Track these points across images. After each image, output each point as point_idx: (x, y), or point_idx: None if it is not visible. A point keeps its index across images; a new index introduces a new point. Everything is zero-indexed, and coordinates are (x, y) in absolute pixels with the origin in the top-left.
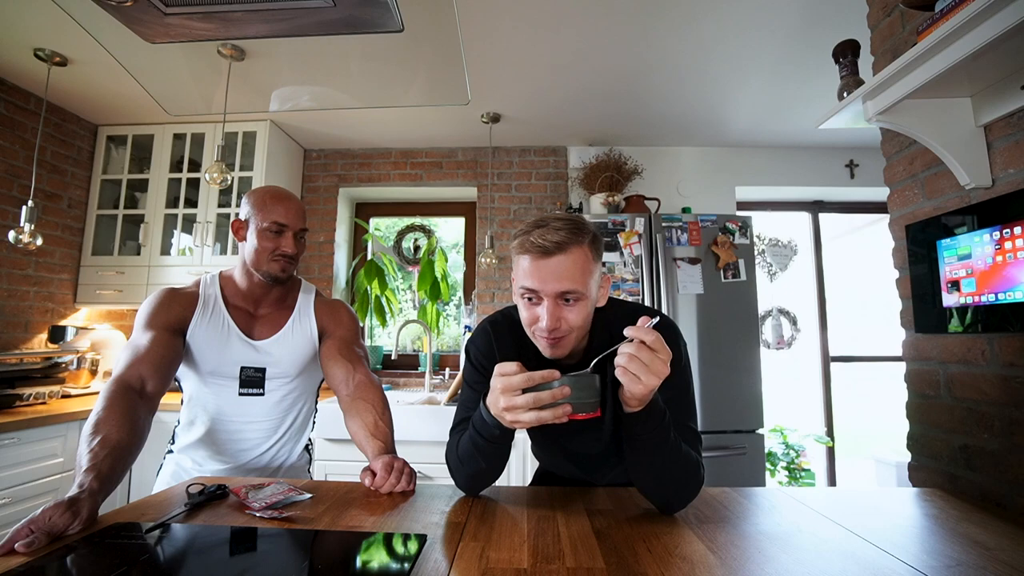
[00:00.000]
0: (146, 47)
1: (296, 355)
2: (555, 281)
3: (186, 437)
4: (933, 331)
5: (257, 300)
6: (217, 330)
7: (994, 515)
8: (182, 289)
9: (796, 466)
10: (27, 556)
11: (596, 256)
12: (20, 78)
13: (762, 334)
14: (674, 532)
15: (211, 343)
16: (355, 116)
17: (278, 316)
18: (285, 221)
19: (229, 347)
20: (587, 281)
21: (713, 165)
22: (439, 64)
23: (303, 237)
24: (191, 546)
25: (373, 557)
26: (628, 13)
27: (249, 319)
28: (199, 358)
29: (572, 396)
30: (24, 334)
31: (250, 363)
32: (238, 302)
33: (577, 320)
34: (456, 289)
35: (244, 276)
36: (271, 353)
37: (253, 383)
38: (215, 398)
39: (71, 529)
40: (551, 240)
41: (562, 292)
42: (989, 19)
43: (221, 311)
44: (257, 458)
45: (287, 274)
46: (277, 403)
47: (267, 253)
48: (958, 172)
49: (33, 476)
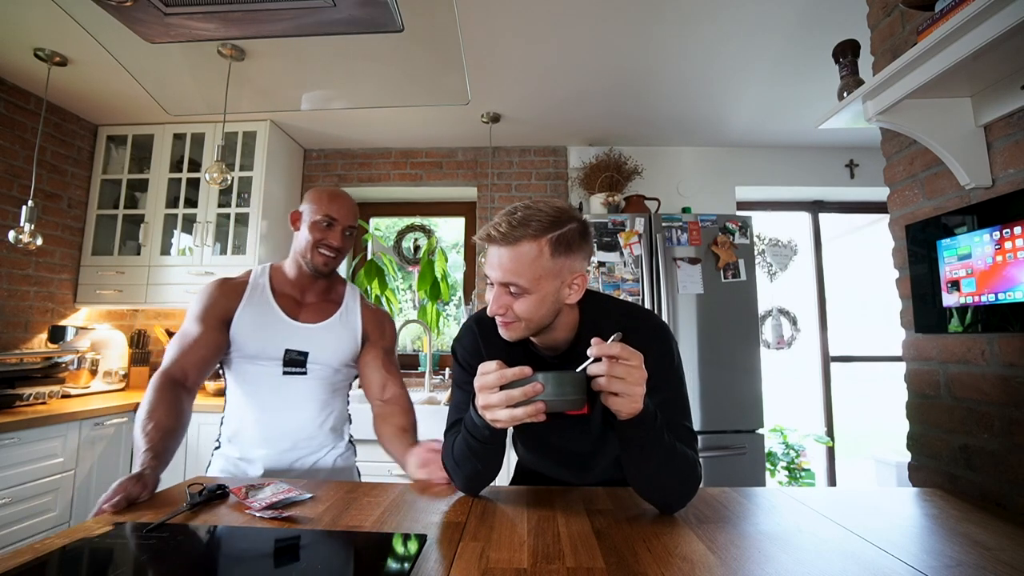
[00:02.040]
0: (146, 47)
1: (339, 348)
2: (497, 269)
3: (232, 428)
4: (933, 331)
5: (304, 289)
6: (262, 314)
7: (994, 515)
8: (233, 279)
9: (796, 466)
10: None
11: (556, 252)
12: (20, 78)
13: (762, 334)
14: (674, 532)
15: (256, 327)
16: (355, 116)
17: (324, 307)
18: (336, 215)
19: (274, 329)
20: (533, 276)
21: (713, 165)
22: (439, 64)
23: (351, 234)
24: (191, 546)
25: (373, 557)
26: (628, 13)
27: (295, 305)
28: (243, 342)
29: (551, 393)
30: (24, 334)
31: (294, 345)
32: (286, 290)
33: (524, 311)
34: (456, 289)
35: (293, 265)
36: (315, 338)
37: (296, 363)
38: (259, 381)
39: (142, 497)
40: (500, 230)
41: (502, 282)
42: (989, 19)
43: (268, 297)
44: (306, 441)
45: (329, 268)
46: (319, 386)
47: (314, 244)
48: (958, 172)
49: (33, 476)
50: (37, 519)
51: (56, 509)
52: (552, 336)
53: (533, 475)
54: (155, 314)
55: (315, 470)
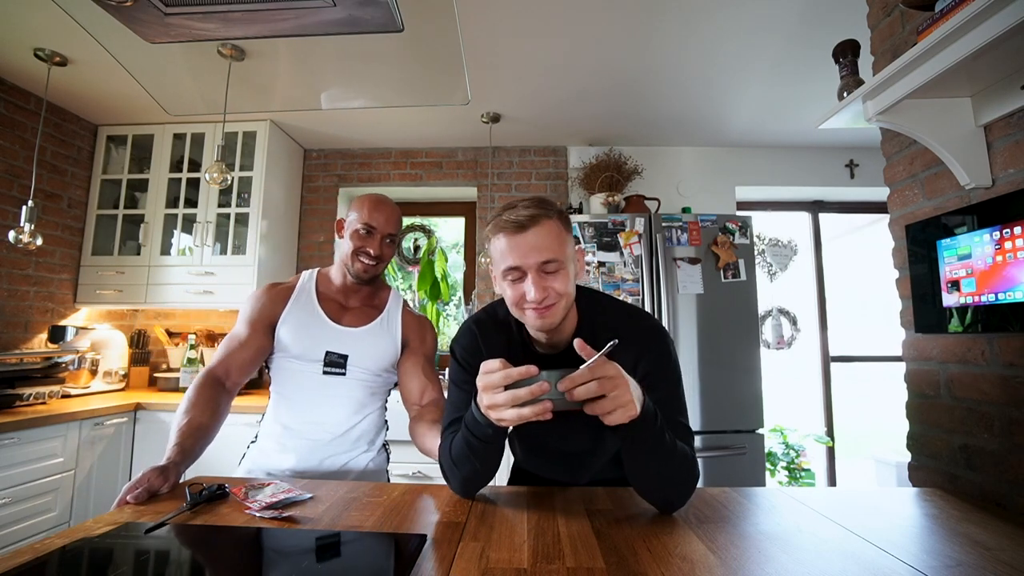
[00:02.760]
0: (146, 47)
1: (378, 353)
2: (535, 253)
3: (270, 423)
4: (933, 331)
5: (348, 294)
6: (307, 317)
7: (994, 515)
8: (281, 284)
9: (796, 466)
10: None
11: (567, 228)
12: (20, 78)
13: (762, 334)
14: (674, 532)
15: (300, 329)
16: (355, 116)
17: (367, 312)
18: (375, 224)
19: (316, 332)
20: (564, 250)
21: (713, 165)
22: (439, 64)
23: (391, 241)
24: (191, 546)
25: (373, 557)
26: (628, 13)
27: (339, 310)
28: (288, 343)
29: (558, 391)
30: (24, 334)
31: (335, 348)
32: (331, 294)
33: (562, 287)
34: (456, 289)
35: (338, 271)
36: (356, 342)
37: (336, 364)
38: (300, 380)
39: (163, 489)
40: (523, 215)
41: (543, 262)
42: (989, 19)
43: (312, 301)
44: (339, 440)
45: (369, 275)
46: (357, 387)
47: (355, 252)
48: (958, 172)
49: (33, 476)
50: (37, 519)
51: (56, 509)
52: (561, 328)
53: (530, 475)
54: (155, 314)
55: (345, 471)
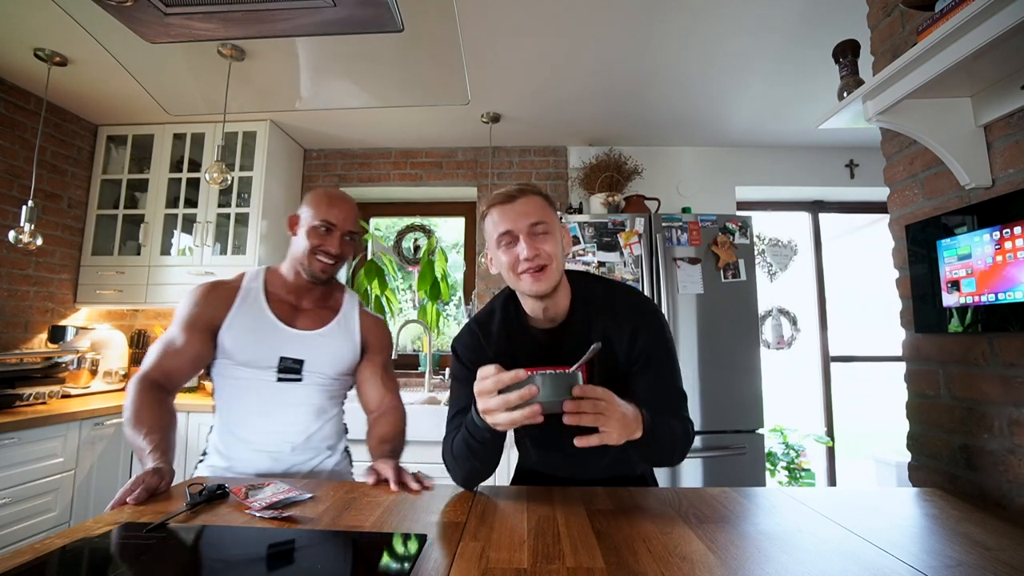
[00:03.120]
0: (146, 47)
1: (337, 356)
2: (524, 217)
3: (221, 436)
4: (933, 331)
5: (301, 295)
6: (255, 321)
7: (994, 515)
8: (225, 282)
9: (796, 466)
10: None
11: (552, 206)
12: (20, 78)
13: (762, 334)
14: (674, 532)
15: (249, 334)
16: (355, 116)
17: (322, 313)
18: (334, 221)
19: (268, 336)
20: (551, 217)
21: (713, 165)
22: (439, 64)
23: (351, 239)
24: (191, 546)
25: (373, 557)
26: (629, 13)
27: (292, 311)
28: (234, 349)
29: (546, 395)
30: (24, 334)
31: (289, 353)
32: (281, 295)
33: (552, 249)
34: (456, 289)
35: (291, 270)
36: (312, 346)
37: (291, 371)
38: (252, 388)
39: (160, 488)
40: (512, 190)
41: (532, 223)
42: (989, 19)
43: (261, 303)
44: (301, 448)
45: (328, 275)
46: (315, 392)
47: (312, 250)
48: (958, 172)
49: (33, 476)
50: (37, 519)
51: (56, 509)
52: (556, 302)
53: (533, 475)
54: (155, 314)
55: (312, 475)
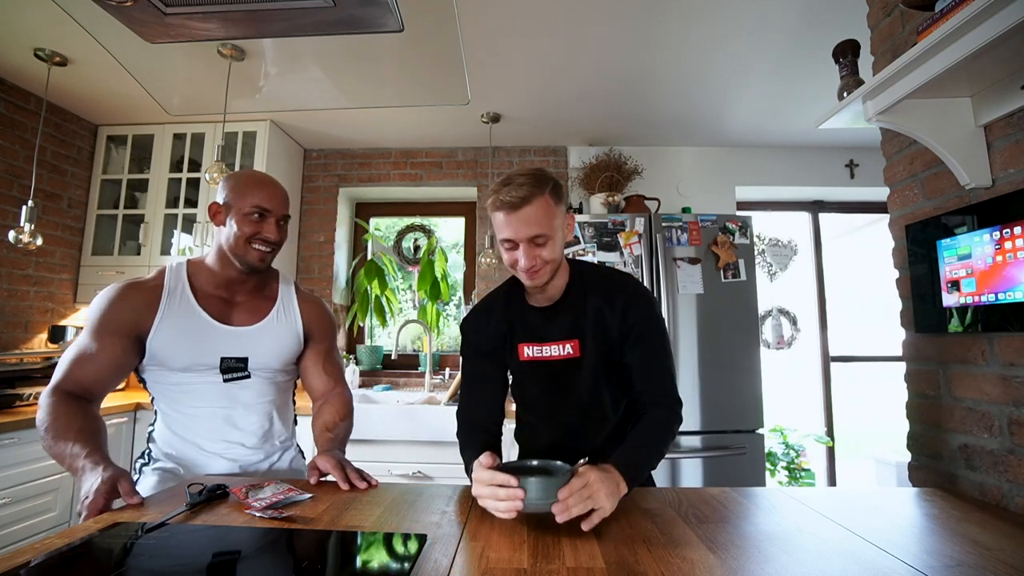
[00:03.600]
0: (146, 47)
1: (280, 348)
2: (526, 228)
3: (168, 441)
4: (933, 331)
5: (233, 288)
6: (186, 322)
7: (994, 515)
8: (143, 283)
9: (796, 466)
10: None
11: (557, 201)
12: (20, 78)
13: (762, 334)
14: (674, 532)
15: (181, 337)
16: (355, 116)
17: (258, 304)
18: (268, 206)
19: (205, 337)
20: (551, 224)
21: (713, 165)
22: (439, 64)
23: (286, 223)
24: (191, 546)
25: (373, 557)
26: (628, 13)
27: (225, 307)
28: (169, 355)
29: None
30: (24, 334)
31: (230, 353)
32: (211, 290)
33: (550, 255)
34: (456, 289)
35: (219, 262)
36: (252, 341)
37: (236, 370)
38: (199, 392)
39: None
40: (516, 196)
41: (532, 236)
42: (989, 19)
43: (190, 302)
44: (258, 447)
45: (265, 263)
46: (266, 387)
47: (247, 239)
48: (958, 172)
49: (33, 476)
50: (37, 519)
51: (56, 509)
52: (553, 284)
53: None
54: None
55: (271, 474)
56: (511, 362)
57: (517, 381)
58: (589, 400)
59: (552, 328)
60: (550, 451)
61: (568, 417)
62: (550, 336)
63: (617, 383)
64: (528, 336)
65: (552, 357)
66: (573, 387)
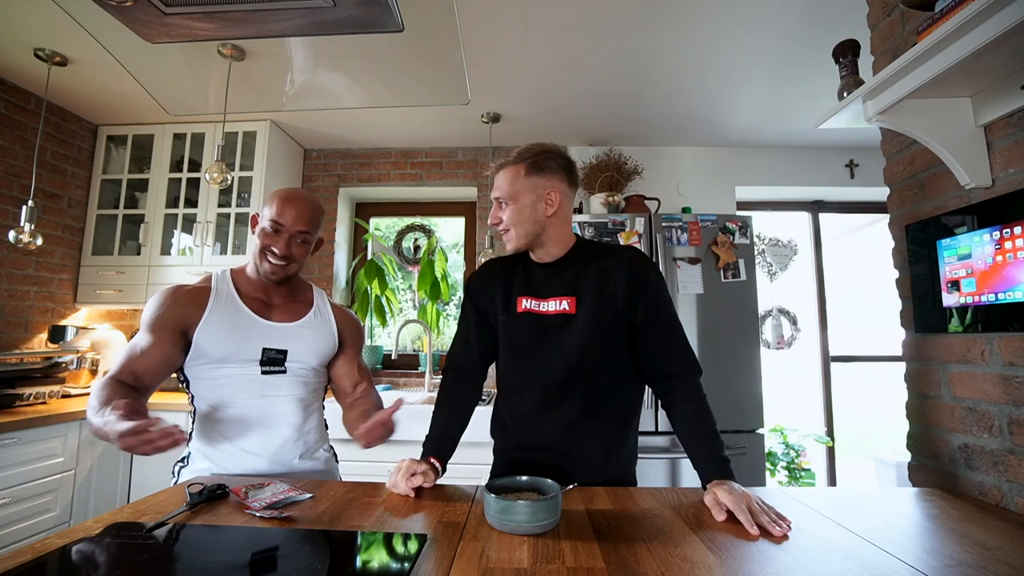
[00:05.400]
0: (146, 47)
1: (317, 345)
2: (495, 190)
3: (208, 437)
4: (933, 331)
5: (269, 292)
6: (233, 318)
7: (994, 515)
8: (192, 286)
9: (796, 466)
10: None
11: (530, 172)
12: (20, 78)
13: (762, 334)
14: (674, 532)
15: (228, 330)
16: (355, 116)
17: (295, 307)
18: (283, 221)
19: (247, 330)
20: (512, 191)
21: (713, 165)
22: (439, 64)
23: (304, 241)
24: (191, 546)
25: (373, 557)
26: (628, 13)
27: (265, 307)
28: (211, 347)
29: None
30: (24, 334)
31: (271, 344)
32: (250, 292)
33: (508, 220)
34: (456, 289)
35: (253, 269)
36: (292, 336)
37: (275, 362)
38: (236, 385)
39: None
40: (496, 163)
41: (496, 197)
42: (989, 19)
43: (235, 300)
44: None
45: (277, 277)
46: (299, 385)
47: (261, 250)
48: (958, 172)
49: (33, 476)
50: (37, 519)
51: (56, 509)
52: (547, 250)
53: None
54: None
55: (300, 473)
56: (507, 313)
57: (509, 332)
58: (577, 356)
59: (551, 284)
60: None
61: (553, 372)
62: (548, 292)
63: (615, 343)
64: (527, 290)
65: (547, 312)
66: (563, 341)
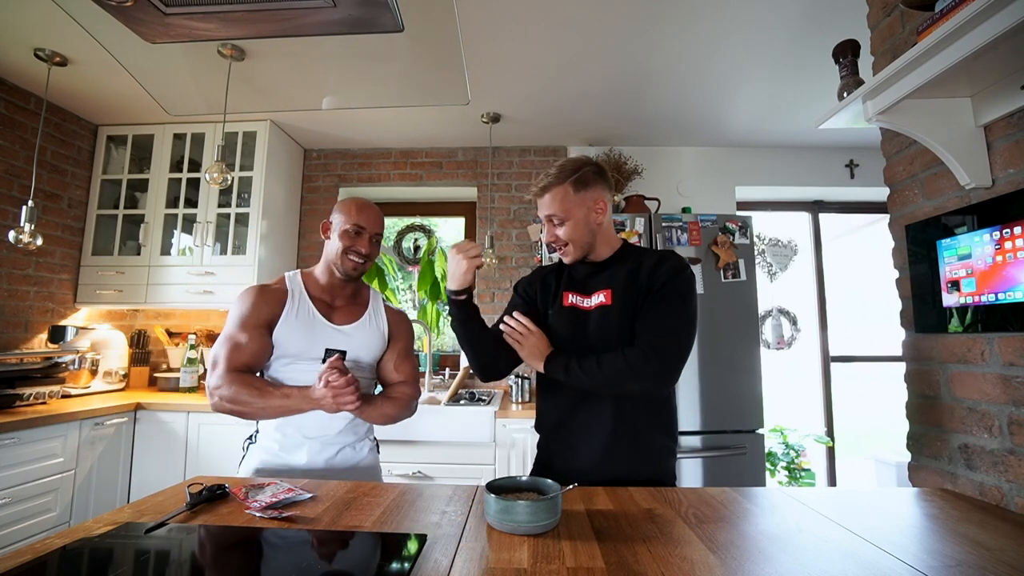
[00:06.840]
0: (146, 47)
1: (371, 345)
2: (545, 209)
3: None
4: (933, 331)
5: (334, 293)
6: (305, 318)
7: (994, 515)
8: (271, 286)
9: (796, 466)
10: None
11: (577, 188)
12: (20, 78)
13: (762, 334)
14: (674, 532)
15: (299, 330)
16: (355, 116)
17: (354, 309)
18: (364, 224)
19: (316, 332)
20: (564, 207)
21: (713, 165)
22: (439, 64)
23: (378, 242)
24: (191, 546)
25: (373, 557)
26: (628, 13)
27: (329, 309)
28: (286, 343)
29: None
30: (24, 334)
31: (333, 345)
32: (317, 294)
33: (566, 235)
34: None
35: (325, 272)
36: (352, 337)
37: None
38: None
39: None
40: (539, 186)
41: (548, 215)
42: (989, 19)
43: (307, 302)
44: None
45: (358, 272)
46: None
47: (344, 250)
48: (958, 172)
49: (33, 476)
50: (37, 519)
51: (56, 509)
52: (597, 253)
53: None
54: (155, 314)
55: (351, 462)
56: (554, 307)
57: (555, 324)
58: (616, 343)
59: (594, 281)
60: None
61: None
62: (591, 288)
63: None
64: (574, 287)
65: (589, 307)
66: (602, 330)
